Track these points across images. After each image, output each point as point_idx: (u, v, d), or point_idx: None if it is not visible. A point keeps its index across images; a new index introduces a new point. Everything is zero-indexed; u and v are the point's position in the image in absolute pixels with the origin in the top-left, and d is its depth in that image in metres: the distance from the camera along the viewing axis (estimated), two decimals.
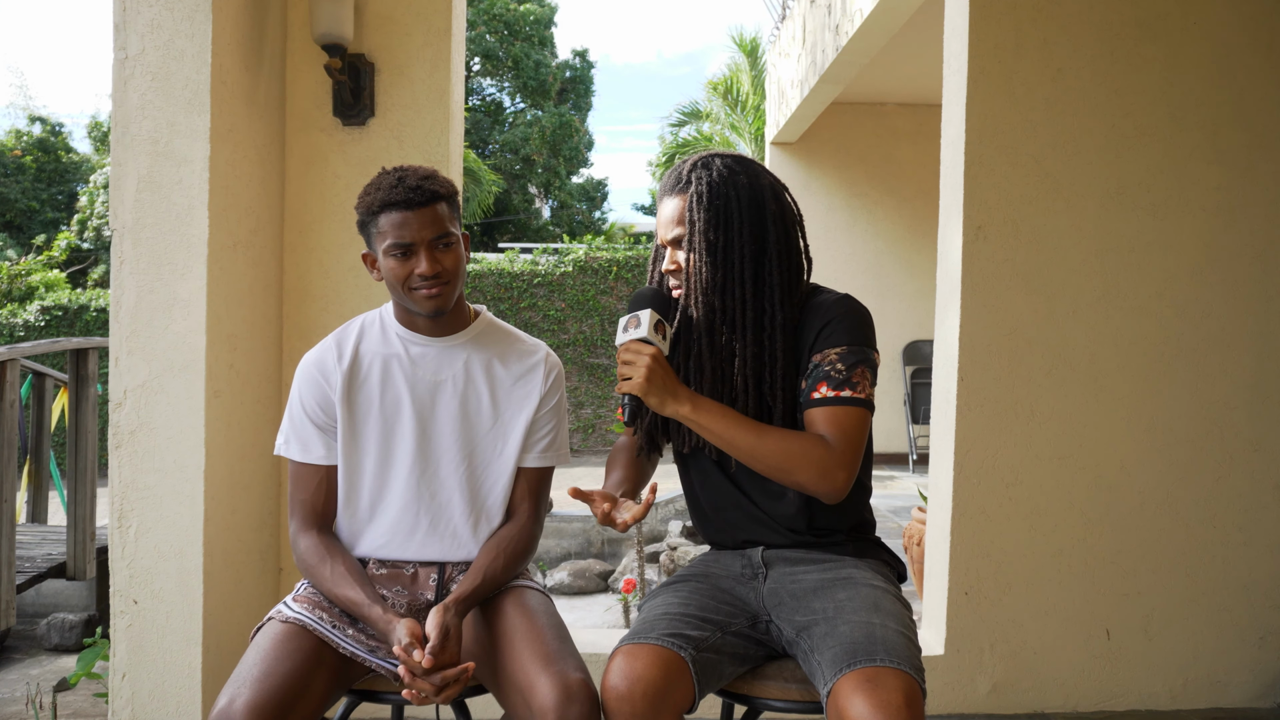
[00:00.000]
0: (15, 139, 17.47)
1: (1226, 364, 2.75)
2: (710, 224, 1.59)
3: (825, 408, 1.55)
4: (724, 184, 1.61)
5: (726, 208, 1.60)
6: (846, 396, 1.54)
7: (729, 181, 1.61)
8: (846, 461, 1.53)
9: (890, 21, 5.09)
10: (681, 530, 5.98)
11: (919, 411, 8.00)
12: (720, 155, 1.65)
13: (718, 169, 1.62)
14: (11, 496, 3.42)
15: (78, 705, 3.00)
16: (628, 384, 1.55)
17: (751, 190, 1.62)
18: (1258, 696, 2.80)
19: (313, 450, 1.71)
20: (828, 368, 1.56)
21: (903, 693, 1.32)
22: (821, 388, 1.56)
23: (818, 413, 1.56)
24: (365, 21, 2.64)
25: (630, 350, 1.56)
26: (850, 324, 1.59)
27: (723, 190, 1.61)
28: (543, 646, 1.52)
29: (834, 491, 1.53)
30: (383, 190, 1.60)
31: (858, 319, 1.60)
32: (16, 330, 9.89)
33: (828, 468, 1.52)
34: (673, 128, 12.92)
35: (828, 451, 1.52)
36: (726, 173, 1.62)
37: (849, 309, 1.61)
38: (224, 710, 1.41)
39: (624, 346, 1.57)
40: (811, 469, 1.52)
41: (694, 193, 1.61)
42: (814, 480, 1.52)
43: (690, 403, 1.55)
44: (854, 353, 1.57)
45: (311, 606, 1.63)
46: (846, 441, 1.53)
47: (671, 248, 1.65)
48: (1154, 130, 2.71)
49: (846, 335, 1.58)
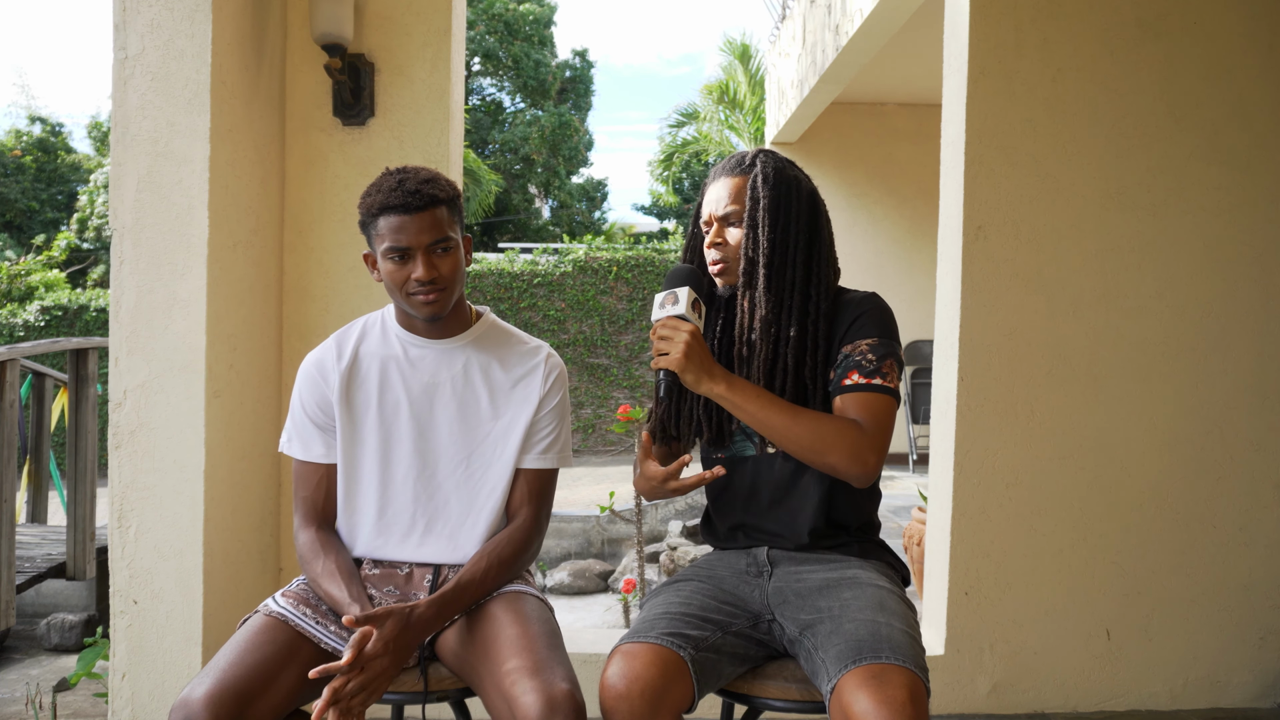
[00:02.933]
0: (15, 139, 17.47)
1: (1226, 364, 2.75)
2: (773, 203, 1.64)
3: (857, 394, 1.57)
4: (786, 174, 1.68)
5: (789, 194, 1.66)
6: (878, 384, 1.57)
7: (791, 174, 1.69)
8: (878, 445, 1.55)
9: (890, 21, 5.09)
10: (681, 530, 5.98)
11: (919, 411, 8.00)
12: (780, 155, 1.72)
13: (781, 160, 1.70)
14: (11, 496, 3.42)
15: (78, 705, 3.00)
16: (664, 359, 1.54)
17: (809, 189, 1.71)
18: (1258, 696, 2.80)
19: (313, 449, 1.72)
20: (858, 357, 1.59)
21: (907, 690, 1.32)
22: (853, 375, 1.58)
23: (850, 398, 1.58)
24: (365, 21, 2.64)
25: (667, 326, 1.55)
26: (879, 319, 1.63)
27: (785, 178, 1.67)
28: (531, 655, 1.49)
29: (865, 474, 1.55)
30: (383, 192, 1.60)
31: (885, 315, 1.65)
32: (16, 330, 9.89)
33: (860, 450, 1.53)
34: (671, 129, 12.93)
35: (860, 434, 1.54)
36: (788, 165, 1.70)
37: (877, 305, 1.65)
38: (184, 698, 1.41)
39: (660, 323, 1.57)
40: (844, 450, 1.53)
41: (759, 173, 1.66)
42: (846, 462, 1.53)
43: (725, 381, 1.56)
44: (884, 345, 1.60)
45: (297, 602, 1.63)
46: (878, 426, 1.55)
47: (719, 224, 1.68)
48: (1154, 130, 2.71)
49: (876, 328, 1.61)
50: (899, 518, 5.65)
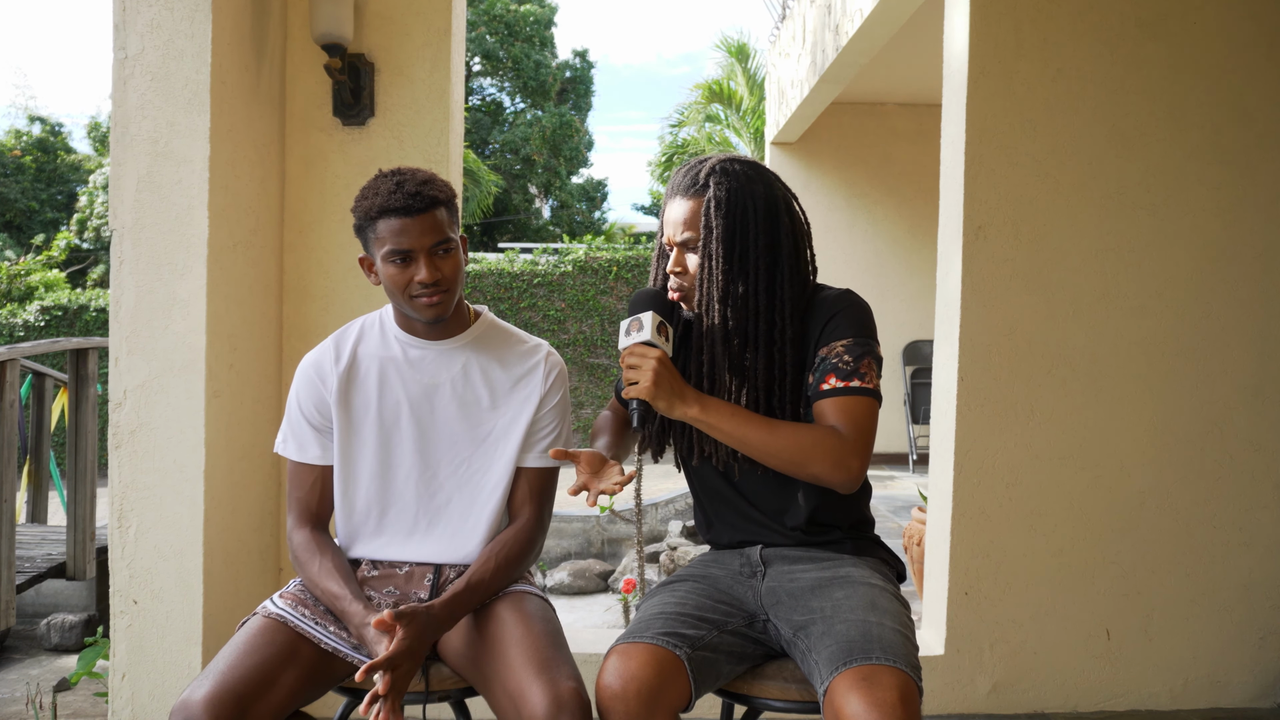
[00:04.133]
0: (15, 139, 17.47)
1: (1226, 364, 2.75)
2: (728, 233, 1.58)
3: (835, 398, 1.55)
4: (742, 193, 1.60)
5: (744, 218, 1.59)
6: (855, 387, 1.55)
7: (747, 191, 1.60)
8: (859, 450, 1.53)
9: (890, 21, 5.09)
10: (681, 530, 5.98)
11: (919, 411, 7.99)
12: (738, 161, 1.64)
13: (736, 176, 1.61)
14: (11, 496, 3.42)
15: (78, 705, 3.00)
16: (634, 389, 1.52)
17: (768, 201, 1.62)
18: (1258, 696, 2.80)
19: (309, 450, 1.72)
20: (835, 360, 1.56)
21: (898, 690, 1.32)
22: (830, 379, 1.56)
23: (827, 404, 1.56)
24: (365, 21, 2.64)
25: (635, 354, 1.54)
26: (854, 317, 1.60)
27: (740, 199, 1.60)
28: (536, 653, 1.50)
29: (849, 480, 1.54)
30: (381, 195, 1.59)
31: (861, 313, 1.61)
32: (16, 330, 9.89)
33: (842, 457, 1.52)
34: (672, 129, 12.92)
35: (840, 441, 1.52)
36: (745, 181, 1.61)
37: (852, 303, 1.62)
38: (184, 701, 1.41)
39: (628, 350, 1.55)
40: (826, 460, 1.51)
41: (712, 198, 1.59)
42: (829, 471, 1.52)
43: (699, 404, 1.54)
44: (859, 344, 1.57)
45: (295, 603, 1.63)
46: (858, 431, 1.53)
47: (679, 249, 1.64)
48: (1154, 130, 2.71)
49: (851, 328, 1.58)
50: (899, 518, 5.65)
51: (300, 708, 1.58)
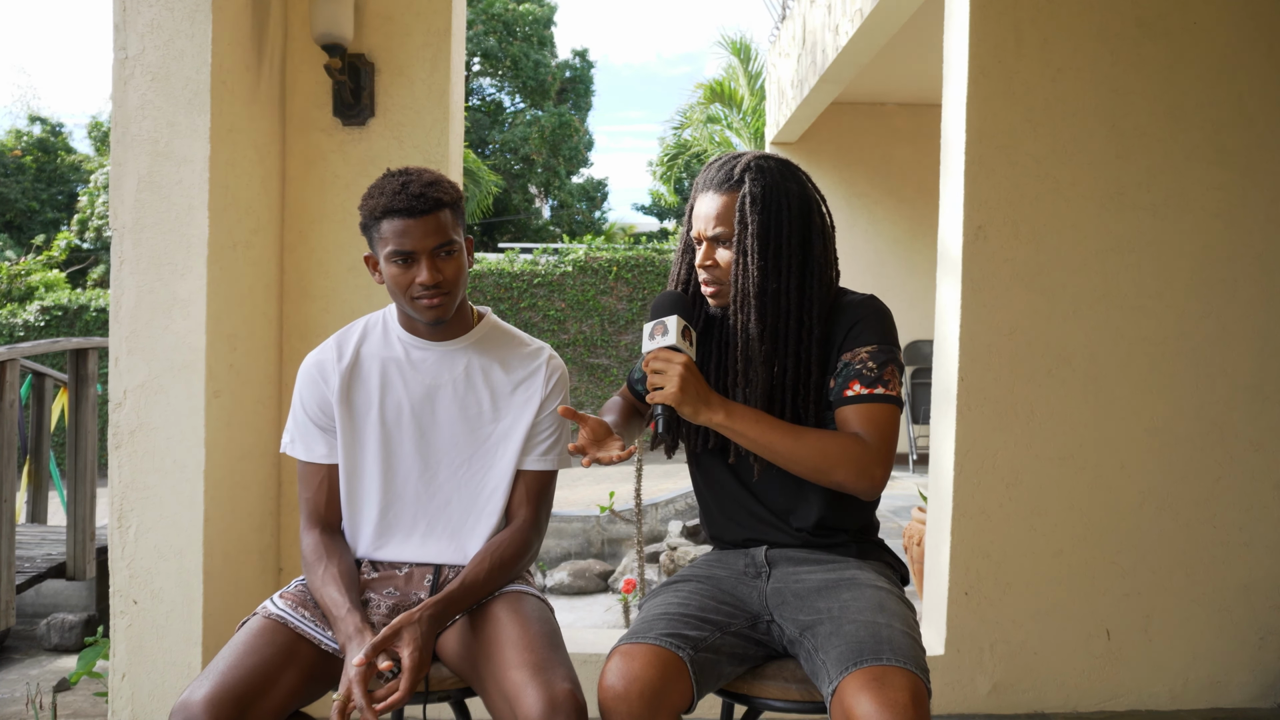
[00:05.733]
0: (15, 139, 17.47)
1: (1226, 364, 2.75)
2: (762, 229, 1.58)
3: (859, 405, 1.55)
4: (777, 190, 1.60)
5: (779, 215, 1.59)
6: (879, 394, 1.55)
7: (782, 189, 1.61)
8: (883, 458, 1.53)
9: (890, 21, 5.09)
10: (681, 530, 5.98)
11: (919, 411, 8.00)
12: (772, 158, 1.65)
13: (771, 173, 1.61)
14: (11, 496, 3.42)
15: (78, 705, 3.00)
16: (660, 394, 1.50)
17: (802, 200, 1.62)
18: (1258, 696, 2.80)
19: (315, 450, 1.72)
20: (859, 366, 1.56)
21: (909, 691, 1.32)
22: (854, 385, 1.56)
23: (851, 410, 1.56)
24: (365, 21, 2.64)
25: (660, 359, 1.52)
26: (878, 324, 1.60)
27: (776, 197, 1.60)
28: (532, 654, 1.50)
29: (872, 488, 1.54)
30: (386, 195, 1.59)
31: (885, 319, 1.61)
32: (16, 330, 9.89)
33: (865, 465, 1.52)
34: (675, 130, 12.91)
35: (864, 449, 1.52)
36: (779, 178, 1.62)
37: (876, 309, 1.62)
38: (184, 701, 1.42)
39: (652, 354, 1.53)
40: (850, 467, 1.51)
41: (747, 193, 1.59)
42: (852, 478, 1.52)
43: (724, 410, 1.53)
44: (883, 351, 1.57)
45: (295, 604, 1.63)
46: (881, 438, 1.54)
47: (709, 244, 1.63)
48: (1154, 130, 2.71)
49: (875, 335, 1.58)
50: (899, 518, 5.65)
51: (300, 708, 1.58)
